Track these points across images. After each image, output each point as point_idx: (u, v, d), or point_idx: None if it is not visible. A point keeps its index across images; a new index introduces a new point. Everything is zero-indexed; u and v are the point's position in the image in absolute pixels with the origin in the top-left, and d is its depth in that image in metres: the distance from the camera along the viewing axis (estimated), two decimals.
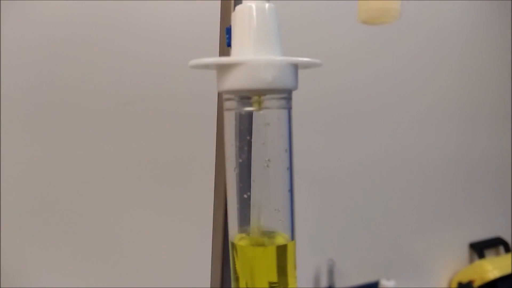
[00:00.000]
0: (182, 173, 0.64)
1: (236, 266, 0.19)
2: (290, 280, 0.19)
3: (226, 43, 0.20)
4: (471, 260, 0.95)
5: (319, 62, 0.19)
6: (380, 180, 0.83)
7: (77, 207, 0.58)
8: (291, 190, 0.19)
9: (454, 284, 0.89)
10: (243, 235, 0.19)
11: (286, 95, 0.19)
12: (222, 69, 0.18)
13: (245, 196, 0.18)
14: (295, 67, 0.18)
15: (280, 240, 0.19)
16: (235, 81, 0.18)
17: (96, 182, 0.58)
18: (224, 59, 0.18)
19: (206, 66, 0.19)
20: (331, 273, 0.77)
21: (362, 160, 0.81)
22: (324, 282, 0.78)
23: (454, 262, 0.93)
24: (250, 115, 0.19)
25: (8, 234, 0.53)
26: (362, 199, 0.82)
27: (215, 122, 0.25)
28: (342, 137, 0.78)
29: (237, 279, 0.19)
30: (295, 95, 0.19)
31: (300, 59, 0.18)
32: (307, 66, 0.19)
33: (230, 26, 0.19)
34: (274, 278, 0.19)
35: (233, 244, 0.19)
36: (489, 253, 0.95)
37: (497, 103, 0.97)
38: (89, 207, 0.58)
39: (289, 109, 0.19)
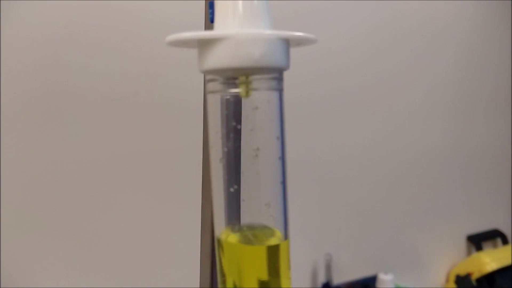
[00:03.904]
0: (176, 169, 0.63)
1: (223, 266, 0.17)
2: (283, 281, 0.17)
3: (209, 19, 0.17)
4: (468, 253, 0.94)
5: (313, 38, 0.17)
6: (377, 173, 0.82)
7: (74, 205, 0.57)
8: (283, 183, 0.17)
9: (452, 277, 0.88)
10: (230, 232, 0.17)
11: (276, 75, 0.16)
12: (204, 46, 0.16)
13: (232, 189, 0.16)
14: (286, 43, 0.16)
15: (272, 240, 0.17)
16: (218, 58, 0.15)
17: (91, 180, 0.57)
18: (205, 33, 0.15)
19: (186, 43, 0.16)
20: (328, 267, 0.76)
21: (359, 153, 0.80)
22: (321, 276, 0.78)
23: (452, 255, 0.93)
24: (236, 98, 0.16)
25: (8, 234, 0.52)
26: (359, 193, 0.81)
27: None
28: (339, 131, 0.77)
29: (224, 280, 0.17)
30: (293, 89, 0.16)
31: (292, 33, 0.16)
32: (300, 42, 0.17)
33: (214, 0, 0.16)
34: (265, 279, 0.17)
35: (219, 242, 0.17)
36: (486, 246, 0.95)
37: (494, 96, 0.96)
38: (85, 205, 0.57)
39: (280, 91, 0.17)
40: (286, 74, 0.17)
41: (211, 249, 0.23)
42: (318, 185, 0.77)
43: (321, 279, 0.77)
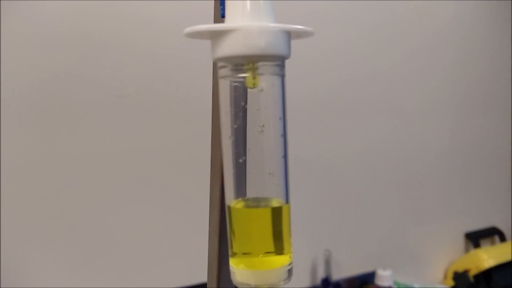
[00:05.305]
0: (179, 165, 0.64)
1: (233, 230, 0.20)
2: (286, 245, 0.20)
3: (220, 14, 0.20)
4: (466, 250, 0.96)
5: (311, 30, 0.19)
6: (376, 171, 0.84)
7: (75, 204, 0.57)
8: (285, 157, 0.20)
9: (450, 273, 0.90)
10: (239, 199, 0.20)
11: (279, 62, 0.19)
12: (216, 37, 0.19)
13: (241, 160, 0.19)
14: (288, 34, 0.19)
15: (275, 203, 0.19)
16: (229, 47, 0.18)
17: (94, 178, 0.58)
18: (218, 26, 0.18)
19: (201, 35, 0.19)
20: (328, 263, 0.78)
21: (359, 151, 0.81)
22: (321, 272, 0.79)
23: (450, 251, 0.94)
24: (244, 82, 0.19)
25: (8, 234, 0.53)
26: (358, 190, 0.83)
27: (210, 112, 0.25)
28: (339, 129, 0.79)
29: (232, 245, 0.20)
30: (296, 87, 0.19)
31: (293, 26, 0.19)
32: (299, 34, 0.20)
33: None
34: (270, 242, 0.19)
35: (229, 207, 0.20)
36: (484, 243, 0.96)
37: (492, 95, 0.98)
38: (87, 204, 0.58)
39: (282, 76, 0.20)
40: (289, 74, 0.20)
41: (220, 225, 0.26)
42: (318, 182, 0.79)
43: (321, 274, 0.79)
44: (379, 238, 0.86)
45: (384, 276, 0.79)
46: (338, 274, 0.80)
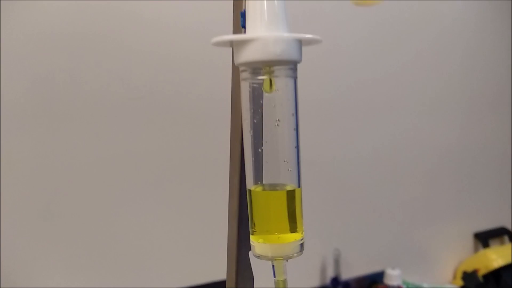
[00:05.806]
0: (193, 168, 0.65)
1: (253, 211, 0.23)
2: (298, 224, 0.23)
3: (241, 25, 0.24)
4: (475, 250, 0.96)
5: (319, 39, 0.23)
6: (385, 171, 0.85)
7: (81, 206, 0.57)
8: (297, 147, 0.23)
9: (459, 273, 0.91)
10: (258, 184, 0.23)
11: (292, 66, 0.23)
12: (239, 45, 0.22)
13: (259, 150, 0.23)
14: (299, 42, 0.22)
15: (289, 187, 0.23)
16: (249, 54, 0.22)
17: (105, 180, 0.58)
18: (242, 36, 0.22)
19: (226, 43, 0.23)
20: (337, 262, 0.79)
21: (367, 151, 0.83)
22: (330, 271, 0.80)
23: (459, 251, 0.95)
24: (262, 83, 0.23)
25: (8, 234, 0.53)
26: (367, 190, 0.84)
27: (224, 115, 0.28)
28: (347, 130, 0.81)
29: (253, 224, 0.23)
30: (306, 89, 0.22)
31: (303, 35, 0.22)
32: (309, 42, 0.23)
33: (245, 10, 0.23)
34: (285, 220, 0.23)
35: (249, 191, 0.23)
36: (493, 243, 0.96)
37: (500, 95, 0.98)
38: (94, 206, 0.58)
39: (295, 78, 0.23)
40: (298, 78, 0.23)
41: (238, 210, 0.29)
42: (327, 182, 0.80)
43: (330, 274, 0.80)
44: (388, 238, 0.87)
45: (393, 275, 0.80)
46: (348, 273, 0.81)
